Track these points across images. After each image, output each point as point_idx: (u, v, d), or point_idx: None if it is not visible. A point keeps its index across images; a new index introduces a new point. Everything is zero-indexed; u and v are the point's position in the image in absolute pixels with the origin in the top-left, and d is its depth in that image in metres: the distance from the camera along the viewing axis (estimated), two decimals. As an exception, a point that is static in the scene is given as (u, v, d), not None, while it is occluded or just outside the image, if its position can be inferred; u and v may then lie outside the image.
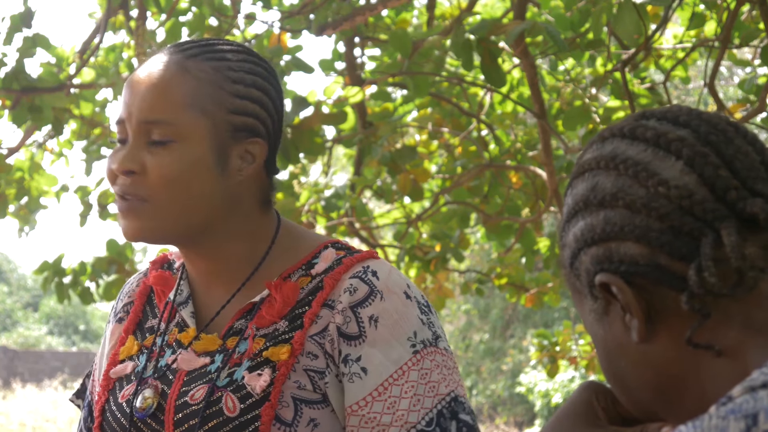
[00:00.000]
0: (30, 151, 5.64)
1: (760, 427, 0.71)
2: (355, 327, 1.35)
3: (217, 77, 1.39)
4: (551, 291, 5.47)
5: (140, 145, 1.37)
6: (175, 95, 1.37)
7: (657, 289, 0.87)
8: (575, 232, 0.92)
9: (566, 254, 0.94)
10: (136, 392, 1.41)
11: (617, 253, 0.88)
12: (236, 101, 1.39)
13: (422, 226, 5.57)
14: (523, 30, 2.97)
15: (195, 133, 1.37)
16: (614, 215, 0.88)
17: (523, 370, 17.01)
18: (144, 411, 1.38)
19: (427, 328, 1.37)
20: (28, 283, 33.64)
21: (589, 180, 0.92)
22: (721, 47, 3.32)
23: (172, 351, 1.43)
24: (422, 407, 1.33)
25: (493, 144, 5.08)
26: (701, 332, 0.85)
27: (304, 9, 4.01)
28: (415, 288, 1.40)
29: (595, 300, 0.91)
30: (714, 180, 0.86)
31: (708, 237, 0.85)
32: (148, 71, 1.40)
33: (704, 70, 3.62)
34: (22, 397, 19.44)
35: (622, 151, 0.90)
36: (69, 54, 5.06)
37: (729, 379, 0.85)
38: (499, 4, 6.30)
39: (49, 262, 5.29)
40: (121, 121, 1.40)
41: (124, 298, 1.56)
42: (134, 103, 1.38)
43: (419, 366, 1.34)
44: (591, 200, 0.90)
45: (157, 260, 1.57)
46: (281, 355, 1.34)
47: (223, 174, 1.39)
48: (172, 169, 1.36)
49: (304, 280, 1.40)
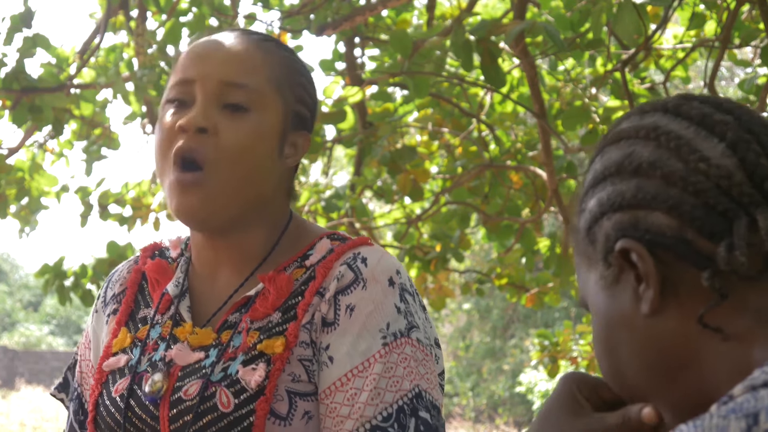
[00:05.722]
0: (30, 152, 5.64)
1: (761, 427, 0.71)
2: (332, 315, 1.33)
3: (289, 63, 1.42)
4: (551, 291, 5.46)
5: (213, 106, 1.36)
6: (261, 66, 1.38)
7: (677, 263, 0.86)
8: (601, 196, 0.91)
9: (585, 219, 0.94)
10: (131, 386, 1.38)
11: (644, 222, 0.88)
12: (301, 92, 1.42)
13: (422, 227, 5.57)
14: (523, 30, 2.97)
15: (271, 107, 1.38)
16: (648, 184, 0.88)
17: (523, 370, 17.01)
18: (154, 395, 1.35)
19: (402, 317, 1.33)
20: (29, 282, 33.64)
21: (624, 148, 0.91)
22: (721, 47, 3.32)
23: (166, 345, 1.41)
24: (381, 401, 1.28)
25: (494, 144, 5.09)
26: (714, 313, 0.85)
27: (304, 9, 4.01)
28: (404, 274, 1.37)
29: (607, 267, 0.91)
30: (755, 167, 0.86)
31: (742, 219, 0.85)
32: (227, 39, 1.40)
33: (704, 70, 3.62)
34: (23, 397, 19.45)
35: (664, 124, 0.90)
36: (69, 54, 5.06)
37: (729, 367, 0.84)
38: (499, 4, 6.30)
39: (50, 264, 5.29)
40: (187, 81, 1.37)
41: (114, 286, 1.52)
42: (213, 64, 1.37)
43: (385, 359, 1.30)
44: (625, 167, 0.90)
45: (148, 248, 1.54)
46: (276, 348, 1.32)
47: (279, 157, 1.39)
48: (245, 138, 1.35)
49: (299, 271, 1.39)
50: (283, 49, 1.44)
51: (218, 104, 1.36)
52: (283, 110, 1.39)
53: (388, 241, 6.50)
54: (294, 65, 1.43)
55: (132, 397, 1.38)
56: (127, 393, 1.38)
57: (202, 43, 1.41)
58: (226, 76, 1.36)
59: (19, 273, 35.46)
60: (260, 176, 1.37)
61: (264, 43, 1.42)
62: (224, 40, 1.41)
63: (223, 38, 1.41)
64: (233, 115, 1.35)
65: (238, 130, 1.34)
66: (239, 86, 1.36)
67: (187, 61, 1.39)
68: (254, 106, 1.36)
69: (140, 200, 5.75)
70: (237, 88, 1.36)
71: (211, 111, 1.35)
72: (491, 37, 3.07)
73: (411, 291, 1.37)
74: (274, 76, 1.39)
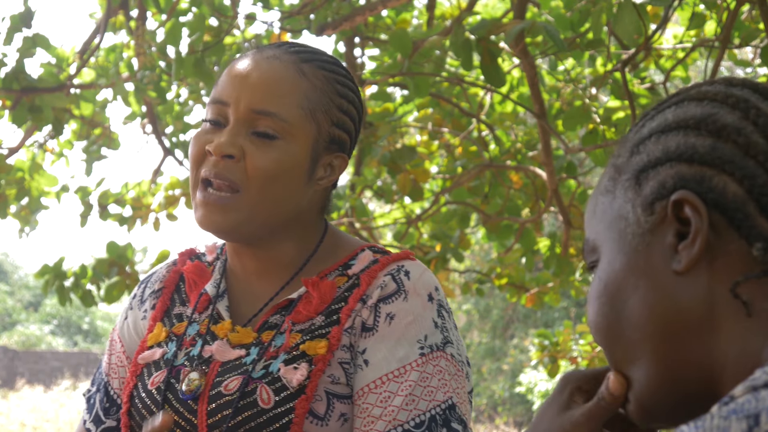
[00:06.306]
0: (30, 152, 5.64)
1: (762, 428, 0.71)
2: (372, 320, 1.38)
3: (328, 87, 1.42)
4: (551, 291, 5.46)
5: (242, 132, 1.38)
6: (291, 93, 1.39)
7: (725, 231, 0.86)
8: (669, 144, 0.90)
9: (639, 160, 0.92)
10: (168, 379, 1.42)
11: (710, 182, 0.87)
12: (339, 115, 1.43)
13: (422, 226, 5.57)
14: (523, 29, 2.97)
15: (301, 135, 1.39)
16: (725, 148, 0.87)
17: (523, 370, 17.01)
18: (191, 393, 1.38)
19: (439, 332, 1.38)
20: (29, 282, 33.64)
21: (708, 108, 0.91)
22: (721, 47, 3.32)
23: (203, 341, 1.44)
24: (415, 408, 1.33)
25: (493, 144, 5.09)
26: (747, 285, 0.85)
27: (304, 9, 4.01)
28: (442, 292, 1.42)
29: (649, 214, 0.90)
30: None
31: None
32: (263, 62, 1.41)
33: (704, 70, 3.62)
34: (22, 397, 19.45)
35: (755, 99, 0.90)
36: (69, 54, 5.05)
37: (740, 351, 0.84)
38: (499, 4, 6.31)
39: (50, 264, 5.29)
40: (222, 103, 1.40)
41: (152, 284, 1.57)
42: (246, 89, 1.39)
43: (422, 369, 1.35)
44: (706, 124, 0.89)
45: (185, 252, 1.59)
46: (319, 350, 1.36)
47: (309, 180, 1.42)
48: (272, 164, 1.37)
49: (341, 279, 1.43)
50: (325, 68, 1.44)
51: (247, 130, 1.38)
52: (315, 136, 1.41)
53: (388, 241, 6.50)
54: (333, 86, 1.43)
55: (169, 390, 1.41)
56: (164, 386, 1.42)
57: (240, 63, 1.42)
58: (255, 104, 1.38)
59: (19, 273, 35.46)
60: (287, 201, 1.40)
61: (302, 64, 1.42)
62: (260, 61, 1.41)
63: (260, 58, 1.42)
64: (261, 142, 1.38)
65: (264, 158, 1.37)
66: (268, 114, 1.38)
67: (225, 81, 1.41)
68: (283, 134, 1.38)
69: (140, 200, 5.75)
70: (265, 116, 1.38)
71: (240, 137, 1.38)
72: (491, 37, 3.07)
73: (447, 308, 1.42)
74: (306, 102, 1.40)
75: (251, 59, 1.42)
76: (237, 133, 1.38)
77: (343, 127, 1.44)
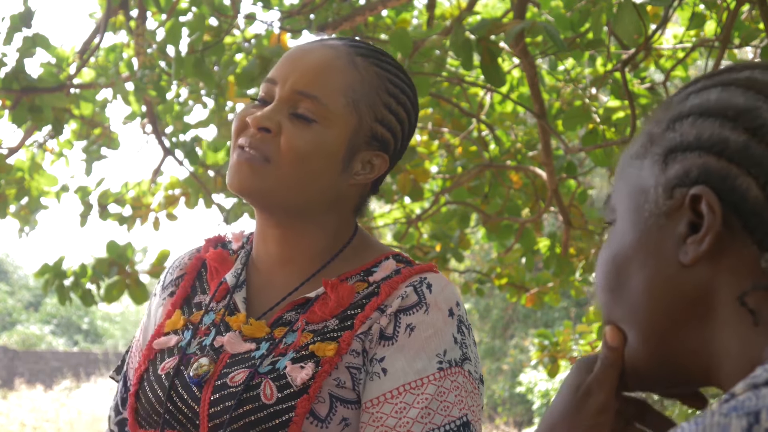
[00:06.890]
0: (30, 151, 5.64)
1: (762, 425, 0.71)
2: (392, 330, 1.38)
3: (378, 83, 1.44)
4: (551, 291, 5.47)
5: (283, 110, 1.40)
6: (337, 80, 1.41)
7: (739, 233, 0.85)
8: (703, 131, 0.88)
9: (672, 139, 0.90)
10: (178, 366, 1.43)
11: (733, 180, 0.85)
12: (385, 113, 1.44)
13: (422, 226, 5.57)
14: (523, 29, 2.97)
15: (339, 123, 1.41)
16: (758, 149, 0.85)
17: (523, 370, 17.01)
18: (198, 378, 1.39)
19: (458, 347, 1.38)
20: (29, 282, 33.63)
21: (752, 100, 0.87)
22: (721, 47, 3.32)
23: (217, 331, 1.45)
24: (430, 422, 1.33)
25: (493, 144, 5.09)
26: (754, 294, 0.84)
27: (304, 9, 4.01)
28: (462, 307, 1.42)
29: (668, 197, 0.88)
30: None
31: None
32: (318, 48, 1.44)
33: (704, 70, 3.62)
34: (22, 397, 19.44)
35: None
36: (69, 54, 5.05)
37: (744, 342, 0.84)
38: (499, 3, 6.31)
39: (50, 264, 5.28)
40: (273, 81, 1.43)
41: (174, 271, 1.58)
42: (295, 70, 1.41)
43: (439, 383, 1.35)
44: (745, 119, 0.86)
45: (212, 239, 1.60)
46: (327, 351, 1.36)
47: (344, 171, 1.43)
48: (306, 145, 1.39)
49: (361, 285, 1.43)
50: (380, 66, 1.46)
51: (289, 110, 1.40)
52: (356, 127, 1.42)
53: (388, 241, 6.50)
54: (384, 84, 1.44)
55: (177, 377, 1.42)
56: (174, 372, 1.42)
57: (296, 48, 1.46)
58: (299, 85, 1.40)
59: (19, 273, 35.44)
60: (314, 185, 1.41)
61: (357, 57, 1.44)
62: (316, 47, 1.44)
63: (317, 45, 1.45)
64: (298, 122, 1.40)
65: (299, 137, 1.39)
66: (309, 96, 1.39)
67: (280, 62, 1.44)
68: (321, 119, 1.40)
69: (140, 200, 5.75)
70: (307, 98, 1.40)
71: (279, 114, 1.40)
72: (491, 37, 3.07)
73: (467, 324, 1.42)
74: (351, 92, 1.41)
75: (310, 45, 1.45)
76: (278, 110, 1.40)
77: (388, 126, 1.44)
